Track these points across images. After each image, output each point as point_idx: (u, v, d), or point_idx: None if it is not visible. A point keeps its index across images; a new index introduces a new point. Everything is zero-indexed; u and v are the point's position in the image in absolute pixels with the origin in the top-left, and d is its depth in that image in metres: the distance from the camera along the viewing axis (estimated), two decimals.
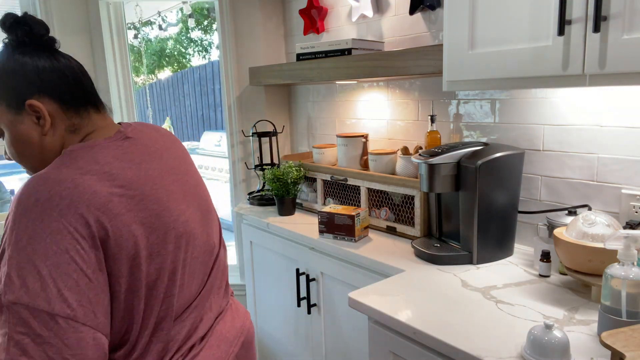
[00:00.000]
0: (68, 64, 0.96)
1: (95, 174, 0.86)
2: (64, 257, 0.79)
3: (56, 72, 0.93)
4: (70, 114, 0.94)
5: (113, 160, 0.90)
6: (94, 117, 0.98)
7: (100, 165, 0.88)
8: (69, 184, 0.82)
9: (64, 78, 0.94)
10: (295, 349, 2.02)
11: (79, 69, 0.98)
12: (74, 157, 0.88)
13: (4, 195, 4.46)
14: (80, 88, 0.96)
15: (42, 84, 0.91)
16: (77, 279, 0.79)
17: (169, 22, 5.67)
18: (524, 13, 1.17)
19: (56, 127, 0.93)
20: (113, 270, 0.85)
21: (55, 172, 0.84)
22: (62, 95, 0.93)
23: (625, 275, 0.95)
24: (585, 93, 1.42)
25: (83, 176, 0.84)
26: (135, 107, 2.64)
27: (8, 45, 0.94)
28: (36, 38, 0.94)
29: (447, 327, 1.09)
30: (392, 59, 1.65)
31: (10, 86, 0.91)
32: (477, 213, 1.44)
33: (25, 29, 0.92)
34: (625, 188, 1.36)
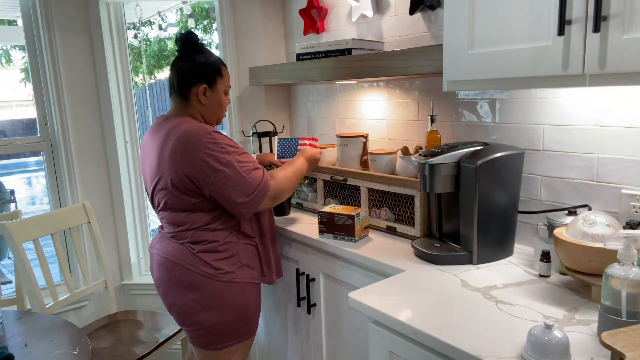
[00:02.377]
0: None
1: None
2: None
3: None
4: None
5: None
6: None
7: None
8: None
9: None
10: (295, 349, 2.02)
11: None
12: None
13: (4, 195, 4.46)
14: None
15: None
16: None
17: (169, 22, 5.67)
18: (524, 13, 1.17)
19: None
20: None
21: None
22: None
23: (625, 275, 0.95)
24: (585, 93, 1.42)
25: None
26: (135, 107, 2.64)
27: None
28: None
29: (447, 327, 1.09)
30: (392, 59, 1.65)
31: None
32: (477, 213, 1.44)
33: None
34: (625, 188, 1.36)
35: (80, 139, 2.51)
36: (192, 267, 1.59)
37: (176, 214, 1.61)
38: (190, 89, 1.63)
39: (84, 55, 2.47)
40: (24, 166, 9.84)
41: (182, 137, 1.52)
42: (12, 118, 8.84)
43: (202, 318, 1.60)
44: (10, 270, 4.53)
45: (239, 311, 1.64)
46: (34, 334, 1.62)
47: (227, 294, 1.61)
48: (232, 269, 1.61)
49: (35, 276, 2.01)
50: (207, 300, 1.59)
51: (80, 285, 2.55)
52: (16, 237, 1.98)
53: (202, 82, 1.63)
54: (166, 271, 1.63)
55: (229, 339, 1.65)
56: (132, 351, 1.97)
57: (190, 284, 1.59)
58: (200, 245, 1.59)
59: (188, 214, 1.60)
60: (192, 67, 1.62)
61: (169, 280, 1.62)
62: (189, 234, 1.60)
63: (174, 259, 1.61)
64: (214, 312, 1.60)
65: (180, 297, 1.61)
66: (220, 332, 1.63)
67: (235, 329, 1.65)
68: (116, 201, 2.63)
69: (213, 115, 1.69)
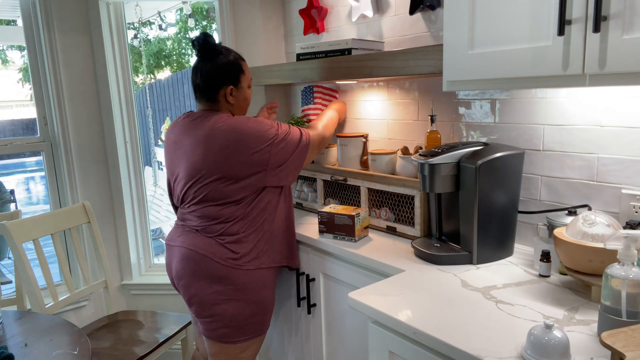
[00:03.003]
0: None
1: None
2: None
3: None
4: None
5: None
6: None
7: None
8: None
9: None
10: (295, 349, 2.02)
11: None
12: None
13: (4, 195, 4.46)
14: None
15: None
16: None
17: (169, 22, 5.67)
18: (524, 13, 1.17)
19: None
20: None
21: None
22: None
23: (625, 275, 0.95)
24: (585, 93, 1.42)
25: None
26: (135, 107, 2.64)
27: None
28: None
29: (447, 327, 1.09)
30: (392, 59, 1.65)
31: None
32: (477, 213, 1.44)
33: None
34: (625, 188, 1.36)
35: (80, 139, 2.51)
36: (220, 260, 1.64)
37: (212, 207, 1.65)
38: (218, 91, 1.68)
39: (84, 55, 2.47)
40: (24, 166, 9.84)
41: (231, 131, 1.60)
42: (12, 118, 8.85)
43: (222, 309, 1.66)
44: (10, 270, 4.53)
45: (257, 305, 1.70)
46: (34, 334, 1.62)
47: (251, 286, 1.67)
48: (258, 255, 1.68)
49: (35, 276, 2.01)
50: (230, 291, 1.65)
51: (80, 285, 2.55)
52: (16, 237, 1.98)
53: (228, 83, 1.67)
54: (191, 263, 1.66)
55: (244, 333, 1.70)
56: (132, 351, 1.97)
57: (216, 276, 1.64)
58: (232, 236, 1.65)
59: (224, 207, 1.65)
60: (216, 70, 1.66)
61: (194, 272, 1.66)
62: (220, 228, 1.65)
63: (203, 252, 1.65)
64: (235, 304, 1.66)
65: (204, 289, 1.65)
66: (237, 325, 1.69)
67: (251, 323, 1.71)
68: (116, 201, 2.63)
69: (242, 111, 1.77)
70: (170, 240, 1.77)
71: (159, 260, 2.86)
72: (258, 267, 1.69)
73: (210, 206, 1.66)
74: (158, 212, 5.25)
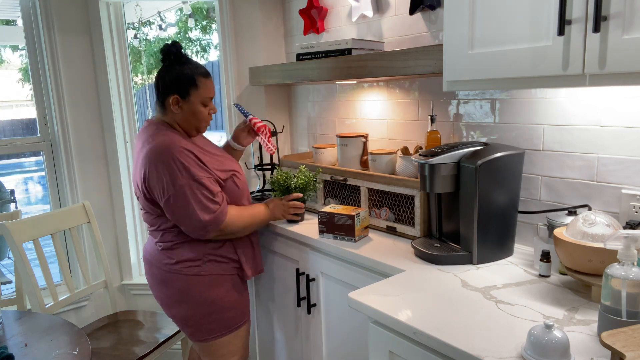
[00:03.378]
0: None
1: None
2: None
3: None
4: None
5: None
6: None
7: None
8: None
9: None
10: (295, 349, 2.02)
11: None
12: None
13: (4, 195, 4.46)
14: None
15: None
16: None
17: (169, 22, 5.67)
18: (524, 13, 1.17)
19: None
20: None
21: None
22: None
23: (625, 275, 0.95)
24: (585, 93, 1.42)
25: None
26: (135, 107, 2.64)
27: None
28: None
29: (447, 327, 1.09)
30: (392, 59, 1.65)
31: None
32: (477, 213, 1.44)
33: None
34: (625, 188, 1.36)
35: (80, 139, 2.51)
36: (161, 265, 1.72)
37: (147, 215, 1.73)
38: (166, 98, 1.69)
39: (84, 55, 2.47)
40: (23, 166, 9.84)
41: (152, 149, 1.61)
42: (12, 118, 8.84)
43: (175, 311, 1.74)
44: (10, 270, 4.53)
45: (209, 305, 1.72)
46: (34, 334, 1.62)
47: (193, 289, 1.70)
48: (197, 263, 1.71)
49: (35, 276, 2.01)
50: (175, 295, 1.72)
51: (80, 285, 2.55)
52: (16, 237, 1.98)
53: (174, 92, 1.68)
54: (146, 267, 1.80)
55: (209, 332, 1.74)
56: (132, 351, 1.97)
57: (161, 280, 1.73)
58: (166, 243, 1.71)
59: (156, 217, 1.70)
60: (167, 78, 1.68)
61: (150, 276, 1.78)
62: (159, 234, 1.73)
63: (149, 256, 1.77)
64: (184, 306, 1.72)
65: (157, 292, 1.77)
66: (196, 325, 1.73)
67: (212, 321, 1.73)
68: (116, 201, 2.63)
69: (188, 124, 1.72)
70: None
71: None
72: (197, 273, 1.70)
73: (145, 213, 1.73)
74: None
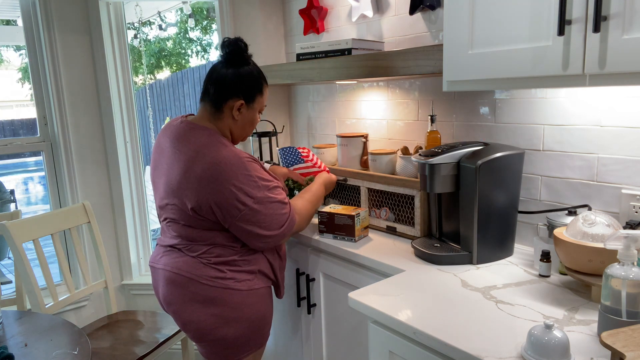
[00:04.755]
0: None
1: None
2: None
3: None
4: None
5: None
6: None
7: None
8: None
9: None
10: (295, 349, 2.02)
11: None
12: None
13: (4, 195, 4.46)
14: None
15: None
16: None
17: (169, 22, 5.68)
18: (524, 13, 1.17)
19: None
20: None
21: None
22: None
23: (625, 275, 0.95)
24: (585, 93, 1.42)
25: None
26: (135, 107, 2.64)
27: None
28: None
29: (447, 327, 1.09)
30: (392, 59, 1.65)
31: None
32: (477, 213, 1.44)
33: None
34: (625, 188, 1.36)
35: (80, 139, 2.51)
36: (208, 282, 1.49)
37: (191, 229, 1.51)
38: (227, 101, 1.51)
39: (84, 55, 2.47)
40: (24, 166, 9.84)
41: (214, 164, 1.42)
42: (12, 118, 8.84)
43: (223, 333, 1.51)
44: (10, 270, 4.53)
45: (258, 321, 1.58)
46: (34, 334, 1.62)
47: (247, 304, 1.53)
48: (250, 277, 1.54)
49: (35, 276, 2.01)
50: (227, 313, 1.51)
51: (80, 285, 2.55)
52: (16, 237, 1.98)
53: (241, 96, 1.52)
54: (178, 288, 1.51)
55: (246, 349, 1.59)
56: (132, 351, 1.97)
57: (207, 299, 1.49)
58: (214, 257, 1.51)
59: (203, 230, 1.51)
60: (234, 79, 1.51)
61: (182, 297, 1.51)
62: (202, 248, 1.51)
63: (188, 275, 1.50)
64: (236, 325, 1.52)
65: (198, 315, 1.50)
66: (240, 344, 1.57)
67: (253, 339, 1.59)
68: (116, 201, 2.63)
69: (243, 132, 1.59)
70: (153, 262, 1.64)
71: None
72: (250, 287, 1.54)
73: (187, 227, 1.52)
74: None
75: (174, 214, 1.52)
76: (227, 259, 1.51)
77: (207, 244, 1.51)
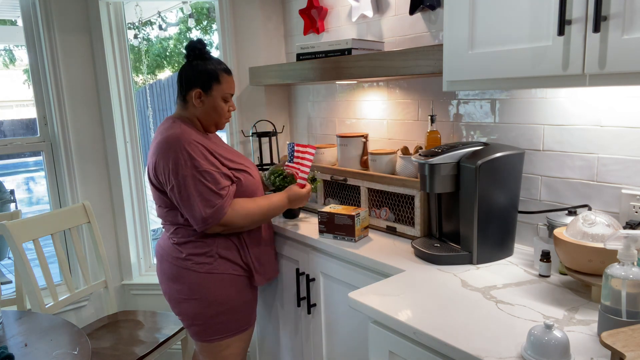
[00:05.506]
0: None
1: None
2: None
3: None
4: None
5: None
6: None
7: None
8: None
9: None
10: (295, 349, 2.02)
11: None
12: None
13: (4, 195, 4.46)
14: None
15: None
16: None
17: (169, 22, 5.68)
18: (524, 13, 1.17)
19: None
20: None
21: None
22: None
23: (625, 275, 0.95)
24: (585, 93, 1.42)
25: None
26: (135, 107, 2.64)
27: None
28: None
29: (447, 327, 1.09)
30: (392, 59, 1.65)
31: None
32: (477, 213, 1.44)
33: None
34: (625, 188, 1.36)
35: (80, 139, 2.51)
36: (172, 260, 1.71)
37: (160, 209, 1.74)
38: (188, 92, 1.71)
39: (84, 55, 2.47)
40: (24, 166, 9.84)
41: (163, 140, 1.63)
42: (12, 118, 8.84)
43: (184, 308, 1.72)
44: (10, 270, 4.53)
45: (220, 305, 1.71)
46: (34, 334, 1.62)
47: (205, 286, 1.69)
48: (209, 260, 1.69)
49: (35, 276, 2.01)
50: (186, 291, 1.70)
51: (80, 285, 2.55)
52: (16, 237, 1.98)
53: (197, 87, 1.70)
54: (158, 262, 1.79)
55: (216, 332, 1.73)
56: (132, 351, 1.97)
57: (172, 275, 1.72)
58: (178, 237, 1.71)
59: (168, 210, 1.70)
60: (191, 72, 1.70)
61: (160, 270, 1.78)
62: (171, 228, 1.73)
63: (161, 251, 1.77)
64: (194, 303, 1.70)
65: (167, 287, 1.75)
66: (204, 324, 1.71)
67: (219, 323, 1.72)
68: (116, 201, 2.63)
69: (209, 119, 1.74)
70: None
71: None
72: (208, 271, 1.69)
73: (159, 208, 1.74)
74: None
75: (152, 194, 1.75)
76: (186, 239, 1.70)
77: (172, 224, 1.72)
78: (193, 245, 1.69)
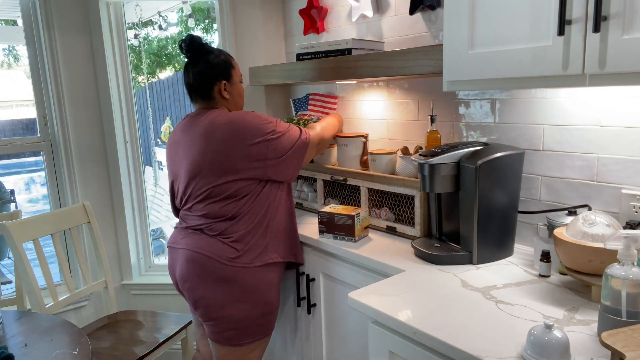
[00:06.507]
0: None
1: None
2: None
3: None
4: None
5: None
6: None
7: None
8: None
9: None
10: (295, 349, 2.02)
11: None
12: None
13: (4, 195, 4.46)
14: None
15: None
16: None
17: (169, 22, 5.69)
18: (524, 13, 1.17)
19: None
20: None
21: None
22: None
23: (625, 275, 0.95)
24: (585, 93, 1.42)
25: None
26: (135, 107, 2.64)
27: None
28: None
29: (447, 327, 1.09)
30: (392, 59, 1.65)
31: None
32: (477, 213, 1.44)
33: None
34: (625, 188, 1.36)
35: (80, 139, 2.51)
36: (226, 261, 1.63)
37: (215, 204, 1.65)
38: (212, 88, 1.71)
39: (84, 55, 2.47)
40: (24, 166, 9.84)
41: (230, 122, 1.63)
42: (12, 118, 8.84)
43: (229, 312, 1.65)
44: (10, 270, 4.53)
45: (264, 306, 1.70)
46: (34, 334, 1.62)
47: (256, 288, 1.66)
48: (262, 249, 1.68)
49: (35, 276, 2.01)
50: (237, 294, 1.64)
51: (80, 285, 2.55)
52: (16, 237, 1.98)
53: (221, 79, 1.71)
54: (196, 265, 1.65)
55: (251, 335, 1.70)
56: (132, 351, 1.97)
57: (222, 278, 1.64)
58: (233, 235, 1.65)
59: (227, 204, 1.64)
60: (208, 68, 1.70)
61: (199, 274, 1.65)
62: (223, 226, 1.65)
63: (208, 253, 1.64)
64: (243, 306, 1.66)
65: (211, 291, 1.65)
66: (244, 327, 1.68)
67: (258, 325, 1.70)
68: (116, 201, 2.63)
69: (237, 106, 1.79)
70: (173, 243, 1.77)
71: (159, 260, 2.86)
72: (265, 262, 1.67)
73: (213, 203, 1.66)
74: (158, 212, 5.24)
75: (200, 190, 1.67)
76: (240, 233, 1.65)
77: (227, 219, 1.65)
78: (244, 239, 1.65)
